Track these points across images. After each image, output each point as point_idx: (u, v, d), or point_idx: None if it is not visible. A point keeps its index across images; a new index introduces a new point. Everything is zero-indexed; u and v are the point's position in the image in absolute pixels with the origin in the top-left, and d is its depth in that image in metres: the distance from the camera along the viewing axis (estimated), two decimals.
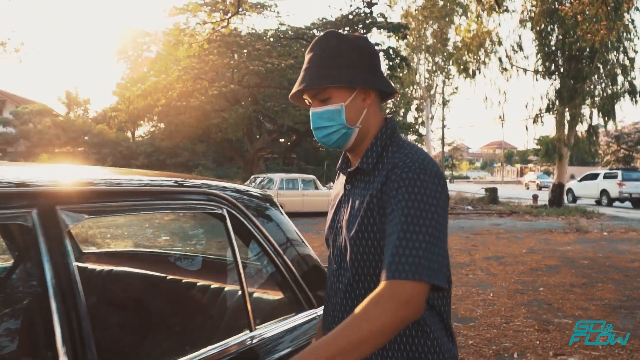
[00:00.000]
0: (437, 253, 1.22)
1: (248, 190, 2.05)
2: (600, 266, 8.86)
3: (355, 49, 1.43)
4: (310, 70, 1.42)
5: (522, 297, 6.60)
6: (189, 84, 17.05)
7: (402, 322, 1.18)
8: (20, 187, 1.25)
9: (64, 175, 1.49)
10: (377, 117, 1.47)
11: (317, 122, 1.44)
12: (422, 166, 1.31)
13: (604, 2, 10.81)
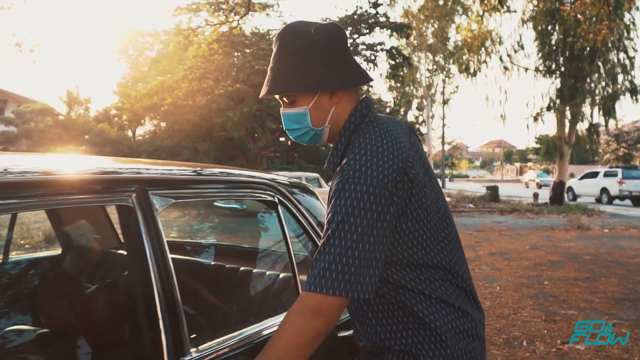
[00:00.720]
0: (350, 264, 1.22)
1: (292, 181, 2.25)
2: (603, 261, 9.06)
3: (314, 46, 1.38)
4: (272, 72, 1.41)
5: (528, 290, 6.81)
6: (194, 83, 17.25)
7: (315, 332, 1.23)
8: (122, 174, 1.45)
9: (151, 165, 1.69)
10: (349, 109, 1.45)
11: (287, 124, 1.46)
12: (355, 175, 1.27)
13: (605, 2, 10.99)
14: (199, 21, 21.57)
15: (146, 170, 1.57)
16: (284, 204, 2.04)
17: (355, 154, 1.33)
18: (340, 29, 1.46)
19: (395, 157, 1.32)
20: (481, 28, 20.17)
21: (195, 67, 17.34)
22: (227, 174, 1.85)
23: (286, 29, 1.43)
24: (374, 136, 1.37)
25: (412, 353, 1.38)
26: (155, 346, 1.39)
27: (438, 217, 1.41)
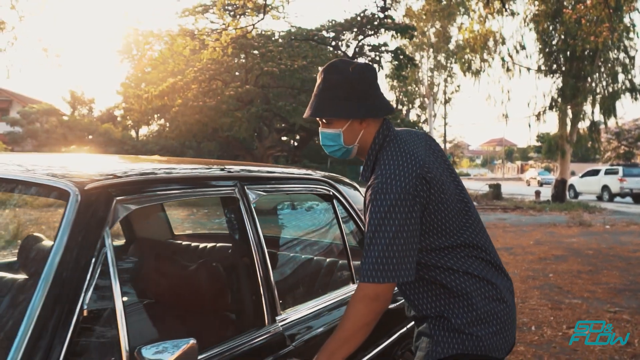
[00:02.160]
0: (392, 257, 1.59)
1: (341, 178, 2.64)
2: (605, 256, 9.44)
3: (354, 81, 1.75)
4: (316, 99, 1.77)
5: (534, 282, 7.19)
6: (204, 84, 17.65)
7: (374, 313, 1.62)
8: (228, 173, 1.85)
9: (243, 166, 2.09)
10: (374, 132, 1.80)
11: (323, 140, 1.82)
12: (383, 186, 1.63)
13: (606, 5, 11.34)
14: (205, 23, 21.99)
15: (241, 169, 1.97)
16: (337, 196, 2.43)
17: (381, 170, 1.69)
18: (372, 68, 1.84)
19: (413, 166, 1.68)
20: (483, 29, 20.54)
21: (205, 69, 17.74)
22: (296, 173, 2.24)
23: (330, 65, 1.82)
24: (394, 153, 1.74)
25: (445, 317, 1.74)
26: (258, 308, 1.78)
27: (459, 205, 1.80)
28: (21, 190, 1.48)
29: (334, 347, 1.64)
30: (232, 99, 17.94)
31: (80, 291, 1.21)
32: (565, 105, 21.57)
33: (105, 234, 1.32)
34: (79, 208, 1.28)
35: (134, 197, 1.45)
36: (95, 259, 1.27)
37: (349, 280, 2.42)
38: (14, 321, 1.15)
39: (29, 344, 1.09)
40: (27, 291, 1.22)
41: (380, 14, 15.61)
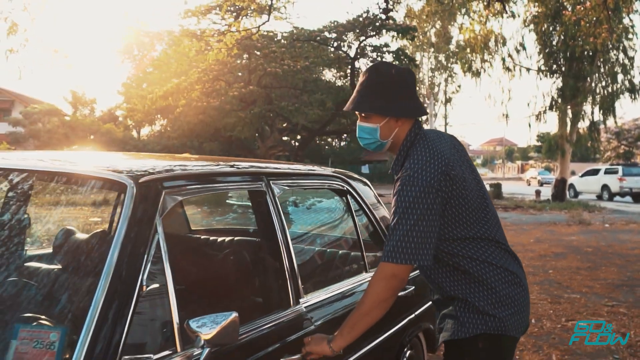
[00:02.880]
0: (411, 242, 1.77)
1: (352, 174, 2.83)
2: (604, 253, 9.63)
3: (394, 83, 1.94)
4: (358, 94, 1.95)
5: (534, 278, 7.37)
6: (208, 85, 17.84)
7: (393, 290, 1.81)
8: (256, 169, 2.05)
9: (268, 164, 2.28)
10: (407, 130, 1.99)
11: (360, 133, 2.00)
12: (410, 179, 1.82)
13: (605, 7, 11.52)
14: (207, 23, 22.14)
15: (266, 166, 2.17)
16: (350, 192, 2.62)
17: (411, 164, 1.88)
18: (411, 73, 2.04)
19: (439, 163, 1.87)
20: (484, 29, 20.71)
21: (209, 70, 17.93)
22: (314, 169, 2.44)
23: (375, 66, 2.01)
24: (423, 150, 1.92)
25: (467, 300, 1.93)
26: (283, 292, 1.98)
27: (479, 201, 1.99)
28: (81, 183, 1.67)
29: (355, 320, 1.85)
30: (236, 99, 18.14)
31: (139, 270, 1.39)
32: (565, 105, 21.75)
33: (157, 222, 1.51)
34: (135, 198, 1.47)
35: (179, 189, 1.64)
36: (150, 242, 1.46)
37: (362, 269, 2.61)
38: (87, 296, 1.34)
39: (100, 316, 1.27)
40: (95, 269, 1.40)
41: (383, 15, 15.80)
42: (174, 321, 1.47)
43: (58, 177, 1.73)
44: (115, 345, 1.26)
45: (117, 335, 1.28)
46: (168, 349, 1.45)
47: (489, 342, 1.92)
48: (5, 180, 1.86)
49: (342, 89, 23.45)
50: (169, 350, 1.45)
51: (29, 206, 2.01)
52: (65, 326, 1.31)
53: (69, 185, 1.76)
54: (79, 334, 1.24)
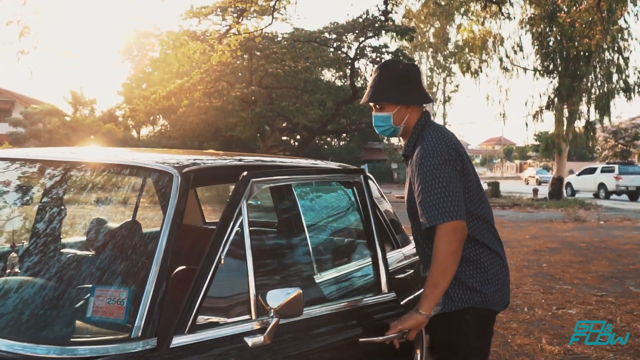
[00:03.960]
0: (449, 201, 2.03)
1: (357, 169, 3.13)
2: (596, 248, 9.94)
3: (403, 75, 2.27)
4: (373, 88, 2.28)
5: (528, 271, 7.69)
6: (210, 85, 18.13)
7: (458, 242, 2.01)
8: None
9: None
10: (417, 118, 2.30)
11: (376, 122, 2.33)
12: (429, 153, 2.11)
13: (598, 9, 11.82)
14: (207, 24, 22.40)
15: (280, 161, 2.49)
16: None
17: (427, 142, 2.18)
18: (416, 67, 2.40)
19: (450, 142, 2.18)
20: (482, 30, 21.02)
21: (211, 71, 18.22)
22: (331, 166, 2.77)
23: (384, 63, 2.36)
24: (435, 132, 2.24)
25: (458, 277, 2.18)
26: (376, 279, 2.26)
27: (477, 184, 2.30)
28: (133, 173, 1.96)
29: (435, 280, 2.07)
30: (238, 100, 18.43)
31: (219, 246, 1.69)
32: (561, 104, 22.06)
33: (242, 205, 1.83)
34: (180, 185, 1.77)
35: (263, 179, 1.96)
36: (234, 223, 1.77)
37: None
38: (144, 272, 1.62)
39: (157, 282, 1.56)
40: (150, 245, 1.69)
41: (382, 17, 16.10)
42: (251, 293, 1.73)
43: (131, 170, 2.03)
44: (187, 307, 1.56)
45: (190, 299, 1.57)
46: (245, 315, 1.73)
47: (476, 315, 2.21)
48: (61, 171, 2.15)
49: (341, 89, 23.72)
50: (246, 316, 1.73)
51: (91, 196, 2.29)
52: (131, 288, 1.59)
53: (125, 176, 2.05)
54: (142, 296, 1.53)
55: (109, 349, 1.44)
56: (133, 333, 1.48)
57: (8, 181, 2.19)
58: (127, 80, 40.38)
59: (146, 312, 1.50)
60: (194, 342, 1.56)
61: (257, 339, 1.60)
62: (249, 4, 11.34)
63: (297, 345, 1.87)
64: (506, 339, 4.62)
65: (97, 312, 1.55)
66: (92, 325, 1.57)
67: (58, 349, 1.43)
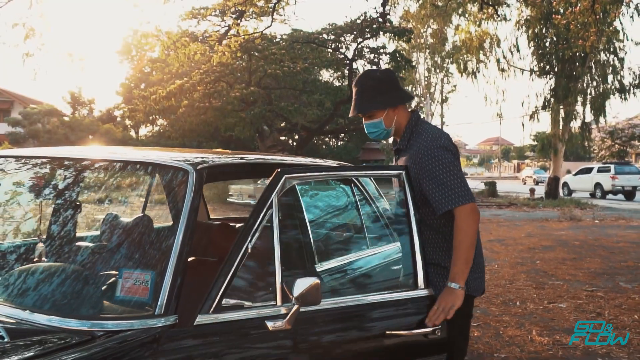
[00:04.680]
0: (465, 185, 2.28)
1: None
2: (590, 246, 10.13)
3: (382, 82, 2.46)
4: (357, 101, 2.45)
5: (522, 268, 7.88)
6: (209, 86, 18.32)
7: (477, 221, 2.26)
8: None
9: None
10: (405, 116, 2.49)
11: (369, 129, 2.52)
12: (433, 143, 2.34)
13: (593, 11, 12.02)
14: (206, 25, 22.58)
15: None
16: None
17: (430, 135, 2.40)
18: (391, 71, 2.64)
19: (446, 135, 2.44)
20: (479, 31, 21.23)
21: (211, 71, 18.40)
22: (332, 163, 2.95)
23: (362, 75, 2.54)
24: (430, 127, 2.50)
25: (441, 265, 2.39)
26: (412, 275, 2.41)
27: (463, 175, 2.50)
28: (152, 171, 2.16)
29: (465, 254, 2.26)
30: (237, 100, 18.61)
31: (247, 236, 1.85)
32: (557, 105, 22.28)
33: (274, 199, 1.96)
34: (195, 181, 1.95)
35: (293, 176, 2.08)
36: (264, 215, 1.92)
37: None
38: (165, 259, 1.80)
39: (176, 267, 1.74)
40: (170, 235, 1.87)
41: (380, 19, 16.30)
42: (277, 280, 1.87)
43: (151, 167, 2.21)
44: (213, 289, 1.74)
45: (216, 282, 1.76)
46: (270, 301, 1.87)
47: None
48: (80, 169, 2.34)
49: (340, 89, 23.91)
50: (271, 302, 1.87)
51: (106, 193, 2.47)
52: (154, 272, 1.78)
53: (142, 173, 2.24)
54: (164, 279, 1.72)
55: (134, 324, 1.63)
56: (156, 310, 1.66)
57: (39, 179, 2.37)
58: (126, 80, 40.49)
59: (167, 292, 1.69)
60: (217, 321, 1.73)
61: (277, 324, 1.76)
62: (248, 6, 11.55)
63: (321, 334, 2.00)
64: (498, 331, 4.82)
65: (124, 292, 1.74)
66: (120, 304, 1.76)
67: (89, 322, 1.62)
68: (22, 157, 2.52)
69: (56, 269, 1.95)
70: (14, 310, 1.70)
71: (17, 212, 2.51)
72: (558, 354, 4.25)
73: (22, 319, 1.64)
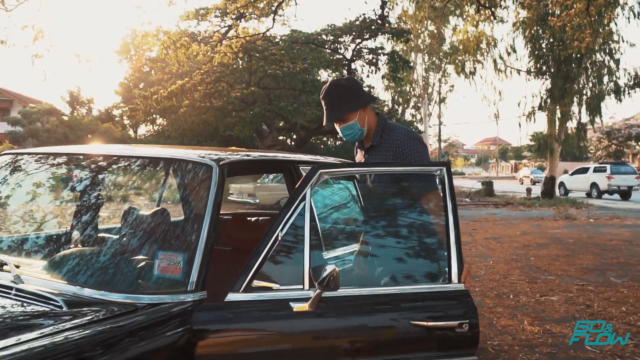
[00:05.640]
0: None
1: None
2: (583, 243, 10.39)
3: (349, 88, 2.73)
4: (328, 110, 2.73)
5: (516, 264, 8.14)
6: (210, 86, 18.55)
7: None
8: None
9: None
10: (373, 116, 2.79)
11: (344, 132, 2.76)
12: (409, 136, 2.73)
13: (587, 13, 12.28)
14: (206, 25, 22.78)
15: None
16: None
17: (398, 130, 2.76)
18: (355, 79, 2.98)
19: (413, 130, 2.86)
20: (476, 32, 21.50)
21: (212, 72, 18.64)
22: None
23: (329, 84, 2.78)
24: (398, 124, 2.84)
25: None
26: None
27: None
28: (177, 166, 2.40)
29: None
30: (238, 100, 18.85)
31: (278, 226, 2.06)
32: (554, 105, 22.56)
33: (307, 192, 2.12)
34: (218, 175, 2.19)
35: (327, 171, 2.26)
36: (297, 206, 2.10)
37: None
38: (194, 244, 2.04)
39: (205, 249, 1.99)
40: (199, 223, 2.11)
41: (379, 20, 16.55)
42: (305, 266, 2.05)
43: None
44: (245, 271, 1.97)
45: (248, 265, 1.97)
46: (298, 284, 2.04)
47: None
48: (111, 164, 2.59)
49: None
50: (298, 285, 2.04)
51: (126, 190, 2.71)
52: (185, 254, 2.03)
53: (170, 168, 2.48)
54: (194, 260, 1.97)
55: (169, 298, 1.88)
56: (188, 287, 1.91)
57: (74, 174, 2.61)
58: (125, 80, 40.69)
59: (197, 272, 1.94)
60: (246, 299, 1.96)
61: (300, 305, 1.96)
62: (250, 8, 11.78)
63: (344, 321, 2.12)
64: (492, 321, 5.07)
65: (160, 271, 1.98)
66: (156, 281, 2.01)
67: (132, 296, 1.88)
68: (56, 154, 2.76)
69: (101, 252, 2.22)
70: (68, 286, 1.95)
71: (54, 204, 2.76)
72: (548, 342, 4.50)
73: (74, 293, 1.89)
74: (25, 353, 1.43)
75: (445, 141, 68.95)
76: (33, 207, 2.80)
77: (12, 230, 2.79)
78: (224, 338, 1.92)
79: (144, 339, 1.72)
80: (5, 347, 1.42)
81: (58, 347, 1.50)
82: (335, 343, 2.08)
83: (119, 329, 1.68)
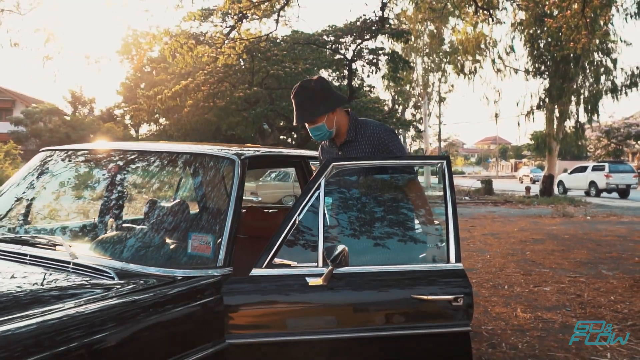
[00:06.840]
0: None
1: None
2: (579, 239, 10.69)
3: (317, 91, 2.76)
4: (298, 111, 2.77)
5: (512, 258, 8.44)
6: (214, 86, 18.88)
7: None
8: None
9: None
10: (343, 115, 2.88)
11: (313, 133, 2.86)
12: (383, 128, 2.88)
13: (583, 15, 12.56)
14: (208, 26, 23.06)
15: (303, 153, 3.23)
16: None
17: (372, 125, 2.92)
18: (324, 79, 2.91)
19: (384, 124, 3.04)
20: (475, 32, 21.81)
21: (215, 72, 18.95)
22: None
23: (299, 86, 2.85)
24: (369, 120, 2.97)
25: None
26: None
27: None
28: (201, 160, 2.72)
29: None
30: (241, 100, 19.17)
31: (296, 210, 2.36)
32: (552, 105, 22.89)
33: (322, 182, 2.38)
34: (240, 169, 2.50)
35: (341, 166, 2.49)
36: (312, 194, 2.38)
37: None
38: (220, 226, 2.35)
39: (231, 231, 2.30)
40: (225, 209, 2.41)
41: (379, 21, 16.84)
42: (320, 246, 2.32)
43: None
44: (267, 250, 2.26)
45: (270, 245, 2.26)
46: (313, 262, 2.32)
47: None
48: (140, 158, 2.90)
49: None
50: (314, 263, 2.32)
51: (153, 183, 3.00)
52: (214, 235, 2.33)
53: (195, 162, 2.80)
54: (222, 240, 2.28)
55: (201, 272, 2.19)
56: (217, 263, 2.22)
57: (114, 167, 2.92)
58: (126, 80, 40.99)
59: (225, 250, 2.25)
60: (268, 274, 2.26)
61: (315, 280, 2.24)
62: (253, 10, 12.07)
63: (354, 293, 2.38)
64: (487, 309, 5.38)
65: (193, 249, 2.30)
66: (189, 258, 2.32)
67: (170, 270, 2.20)
68: (92, 151, 3.08)
69: (137, 232, 2.55)
70: (115, 262, 2.26)
71: (92, 195, 3.08)
72: (538, 327, 4.81)
73: (122, 268, 2.20)
74: (94, 311, 1.74)
75: (445, 140, 69.24)
76: (74, 199, 3.11)
77: (58, 219, 3.11)
78: (248, 307, 2.23)
79: (182, 304, 2.03)
80: (77, 306, 1.73)
81: (117, 308, 1.81)
82: (346, 313, 2.38)
83: (164, 296, 1.99)
